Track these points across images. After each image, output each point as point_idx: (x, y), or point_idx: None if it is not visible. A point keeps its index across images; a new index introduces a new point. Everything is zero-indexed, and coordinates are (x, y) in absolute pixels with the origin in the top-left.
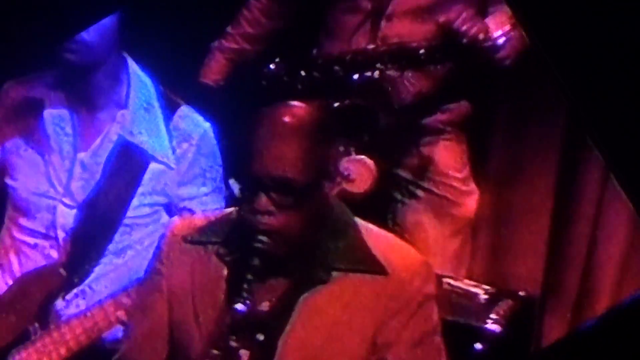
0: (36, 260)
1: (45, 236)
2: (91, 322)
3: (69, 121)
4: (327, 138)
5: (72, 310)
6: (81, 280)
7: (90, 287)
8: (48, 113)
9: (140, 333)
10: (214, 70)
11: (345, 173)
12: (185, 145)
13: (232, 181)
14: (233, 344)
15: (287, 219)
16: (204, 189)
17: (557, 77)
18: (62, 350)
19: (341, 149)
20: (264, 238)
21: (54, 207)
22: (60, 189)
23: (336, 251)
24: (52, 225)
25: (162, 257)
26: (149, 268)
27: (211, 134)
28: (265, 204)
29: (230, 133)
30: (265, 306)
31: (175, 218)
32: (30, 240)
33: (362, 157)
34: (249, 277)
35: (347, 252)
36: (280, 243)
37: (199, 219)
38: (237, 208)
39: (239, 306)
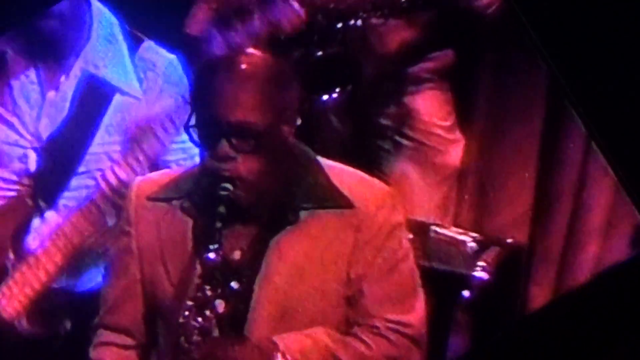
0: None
1: (20, 184)
2: (63, 239)
3: (33, 69)
4: (285, 83)
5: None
6: (50, 207)
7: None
8: (11, 63)
9: (115, 295)
10: (199, 21)
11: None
12: (150, 75)
13: (192, 129)
14: (208, 292)
15: (249, 164)
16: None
17: (534, 41)
18: (42, 275)
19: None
20: (228, 185)
21: (26, 155)
22: (29, 137)
23: (301, 191)
24: (26, 172)
25: (129, 219)
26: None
27: (177, 63)
28: (227, 150)
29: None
30: (236, 255)
31: (137, 179)
32: (5, 187)
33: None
34: (218, 225)
35: (312, 191)
36: (245, 190)
37: (160, 178)
38: (198, 162)
39: (211, 255)
